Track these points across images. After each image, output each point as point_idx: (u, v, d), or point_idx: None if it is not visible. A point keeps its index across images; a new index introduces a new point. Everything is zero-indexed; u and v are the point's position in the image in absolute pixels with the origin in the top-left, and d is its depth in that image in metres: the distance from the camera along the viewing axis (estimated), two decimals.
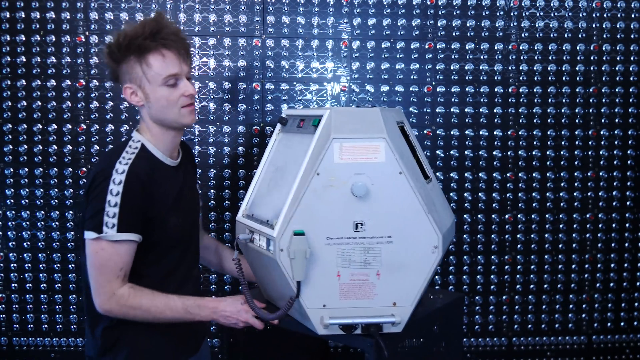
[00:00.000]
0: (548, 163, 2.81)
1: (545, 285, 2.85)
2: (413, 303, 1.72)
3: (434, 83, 2.75)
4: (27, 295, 2.69)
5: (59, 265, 2.69)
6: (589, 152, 2.83)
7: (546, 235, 2.83)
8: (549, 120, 2.80)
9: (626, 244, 2.88)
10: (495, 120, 2.78)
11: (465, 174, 2.78)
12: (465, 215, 2.79)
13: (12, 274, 2.68)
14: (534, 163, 2.81)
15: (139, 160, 1.80)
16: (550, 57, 2.78)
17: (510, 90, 2.78)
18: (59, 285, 2.69)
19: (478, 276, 2.82)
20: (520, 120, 2.79)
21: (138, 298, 1.77)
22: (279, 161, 1.89)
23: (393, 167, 1.68)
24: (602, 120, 2.82)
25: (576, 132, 2.82)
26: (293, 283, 1.66)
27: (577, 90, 2.80)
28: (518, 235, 2.82)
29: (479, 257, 2.81)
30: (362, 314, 1.70)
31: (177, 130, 1.91)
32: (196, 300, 1.83)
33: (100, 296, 1.76)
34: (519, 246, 2.83)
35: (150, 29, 1.81)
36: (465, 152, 2.77)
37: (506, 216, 2.81)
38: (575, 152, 2.82)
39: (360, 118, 1.71)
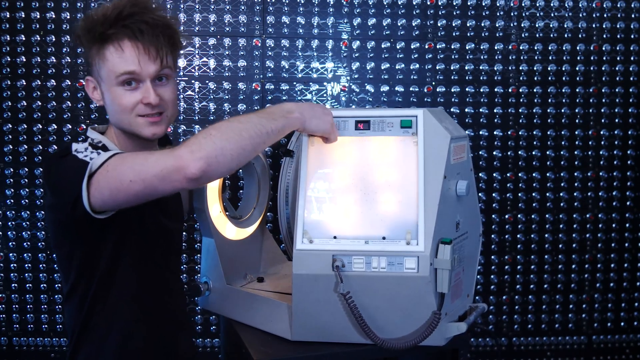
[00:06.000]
0: (548, 163, 2.81)
1: (545, 285, 2.85)
2: (472, 291, 1.78)
3: (434, 83, 2.75)
4: (27, 295, 2.69)
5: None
6: (589, 152, 2.82)
7: (546, 235, 2.83)
8: (549, 120, 2.80)
9: (626, 244, 2.87)
10: (495, 120, 2.78)
11: None
12: None
13: (12, 274, 2.68)
14: (534, 163, 2.80)
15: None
16: (550, 57, 2.78)
17: (510, 90, 2.78)
18: (59, 285, 2.69)
19: (478, 276, 2.81)
20: (520, 120, 2.79)
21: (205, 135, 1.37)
22: (348, 170, 1.57)
23: (470, 165, 1.71)
24: (602, 120, 2.82)
25: (576, 132, 2.81)
26: (436, 297, 1.51)
27: (577, 90, 2.80)
28: (518, 235, 2.82)
29: (479, 257, 2.81)
30: (461, 311, 1.70)
31: (142, 140, 1.55)
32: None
33: (174, 171, 1.32)
34: (519, 246, 2.83)
35: (118, 12, 1.45)
36: None
37: (506, 216, 2.81)
38: (575, 152, 2.82)
39: (445, 117, 1.66)
